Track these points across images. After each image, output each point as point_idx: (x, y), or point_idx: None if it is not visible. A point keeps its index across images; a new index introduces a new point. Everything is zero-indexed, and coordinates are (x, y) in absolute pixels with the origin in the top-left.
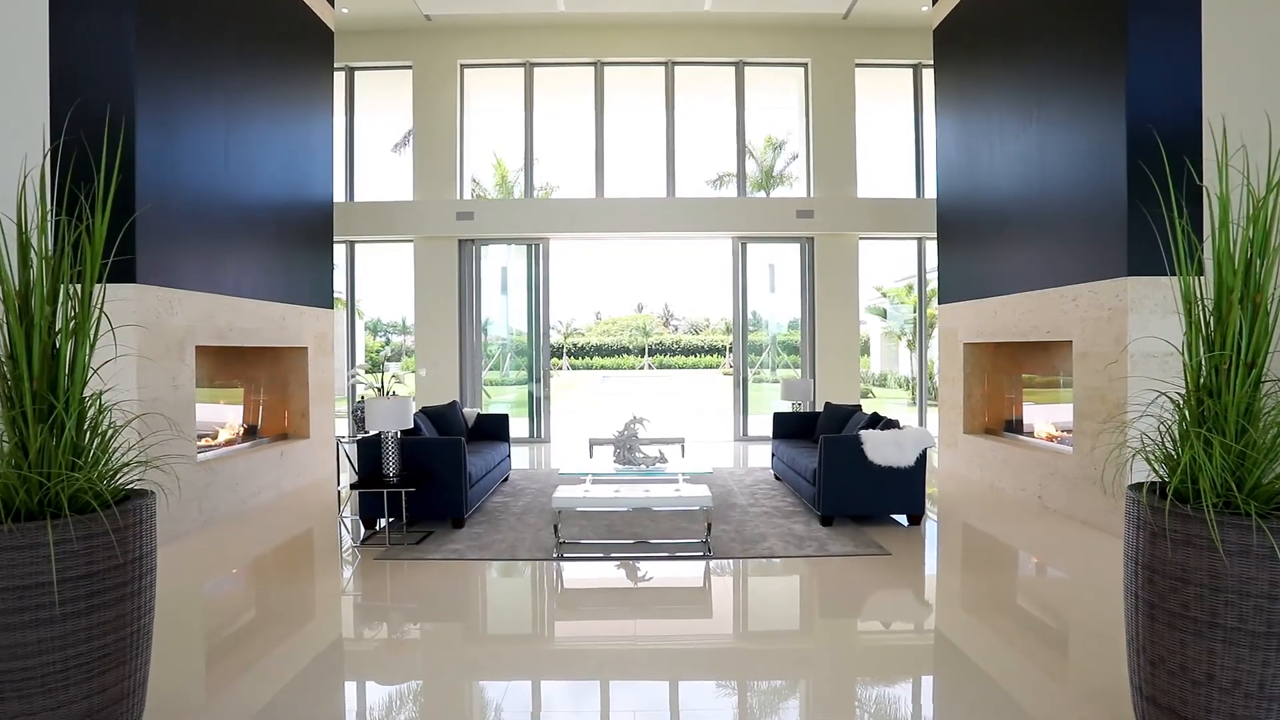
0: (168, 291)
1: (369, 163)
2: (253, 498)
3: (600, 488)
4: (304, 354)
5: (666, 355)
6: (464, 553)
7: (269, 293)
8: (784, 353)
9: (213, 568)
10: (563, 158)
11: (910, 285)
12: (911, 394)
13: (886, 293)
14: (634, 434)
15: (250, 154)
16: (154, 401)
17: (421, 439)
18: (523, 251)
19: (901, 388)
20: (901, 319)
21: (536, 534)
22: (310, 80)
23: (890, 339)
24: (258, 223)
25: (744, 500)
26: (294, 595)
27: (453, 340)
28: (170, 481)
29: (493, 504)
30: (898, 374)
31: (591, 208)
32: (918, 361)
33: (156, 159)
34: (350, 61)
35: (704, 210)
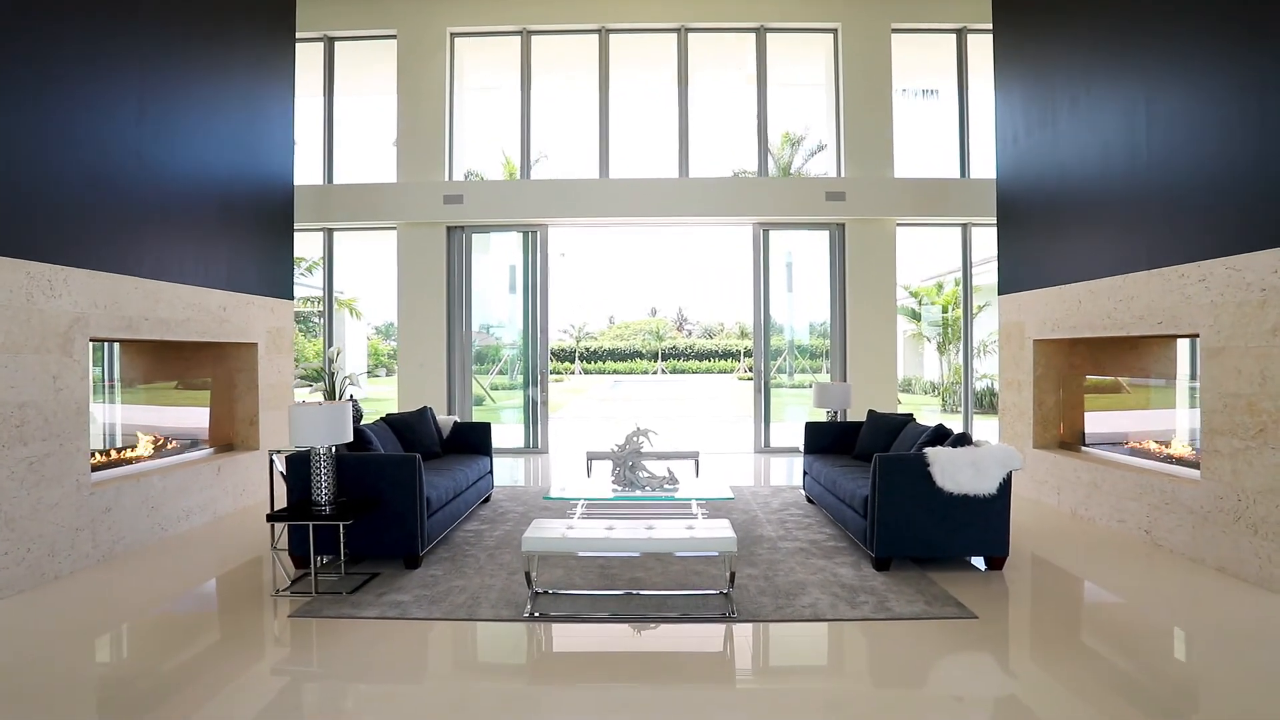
0: (45, 267)
1: (358, 145)
2: (175, 524)
3: (587, 525)
4: (253, 351)
5: (680, 359)
6: (407, 608)
7: (203, 278)
8: (802, 356)
9: (61, 630)
10: (563, 139)
11: (940, 283)
12: (942, 401)
13: (915, 292)
14: (637, 449)
15: (176, 124)
16: (23, 407)
17: (363, 456)
18: (518, 240)
19: (928, 394)
20: (929, 320)
21: (509, 578)
22: (262, 47)
23: (914, 341)
24: (188, 199)
25: (773, 531)
26: (150, 674)
27: (439, 338)
28: (33, 507)
29: (463, 534)
30: (922, 379)
31: (595, 190)
32: (961, 362)
33: (18, 123)
34: (329, 30)
35: (721, 192)
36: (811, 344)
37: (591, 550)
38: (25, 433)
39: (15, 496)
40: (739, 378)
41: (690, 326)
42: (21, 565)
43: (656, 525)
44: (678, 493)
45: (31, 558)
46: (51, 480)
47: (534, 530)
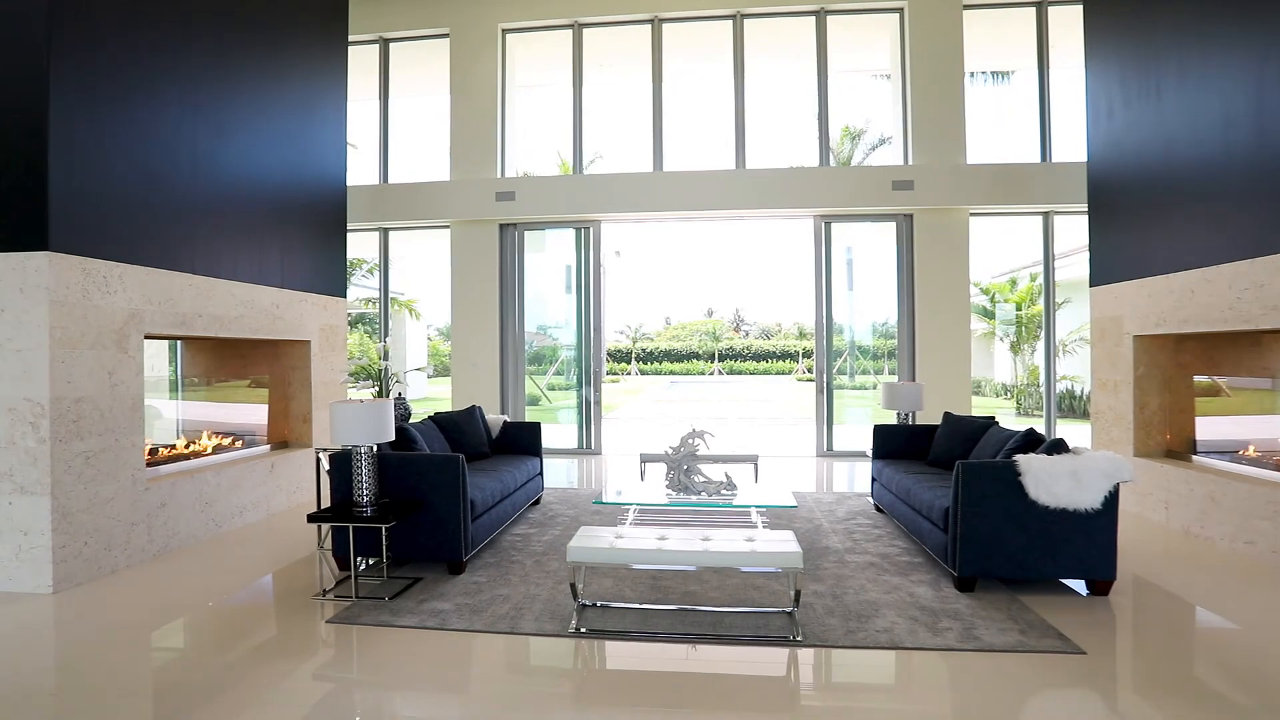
0: (101, 264)
1: (412, 144)
2: (229, 520)
3: (638, 534)
4: (306, 348)
5: (737, 360)
6: (447, 617)
7: (255, 276)
8: (863, 357)
9: (111, 625)
10: (615, 134)
11: (1013, 279)
12: (1016, 403)
13: (986, 289)
14: (693, 452)
15: (230, 126)
16: (80, 402)
17: (405, 456)
18: (571, 237)
19: (1000, 396)
20: (1002, 318)
21: (555, 588)
22: (315, 50)
23: (984, 340)
24: (241, 199)
25: (839, 543)
26: (177, 679)
27: (493, 337)
28: (90, 501)
29: (510, 538)
30: (993, 381)
31: (649, 184)
32: (1042, 362)
33: (81, 125)
34: (384, 32)
35: (780, 183)
36: (874, 344)
37: (642, 563)
38: (82, 427)
39: (72, 490)
40: (797, 379)
41: (747, 327)
42: (79, 559)
43: (713, 536)
44: (736, 499)
45: (89, 551)
46: (107, 475)
47: (580, 539)
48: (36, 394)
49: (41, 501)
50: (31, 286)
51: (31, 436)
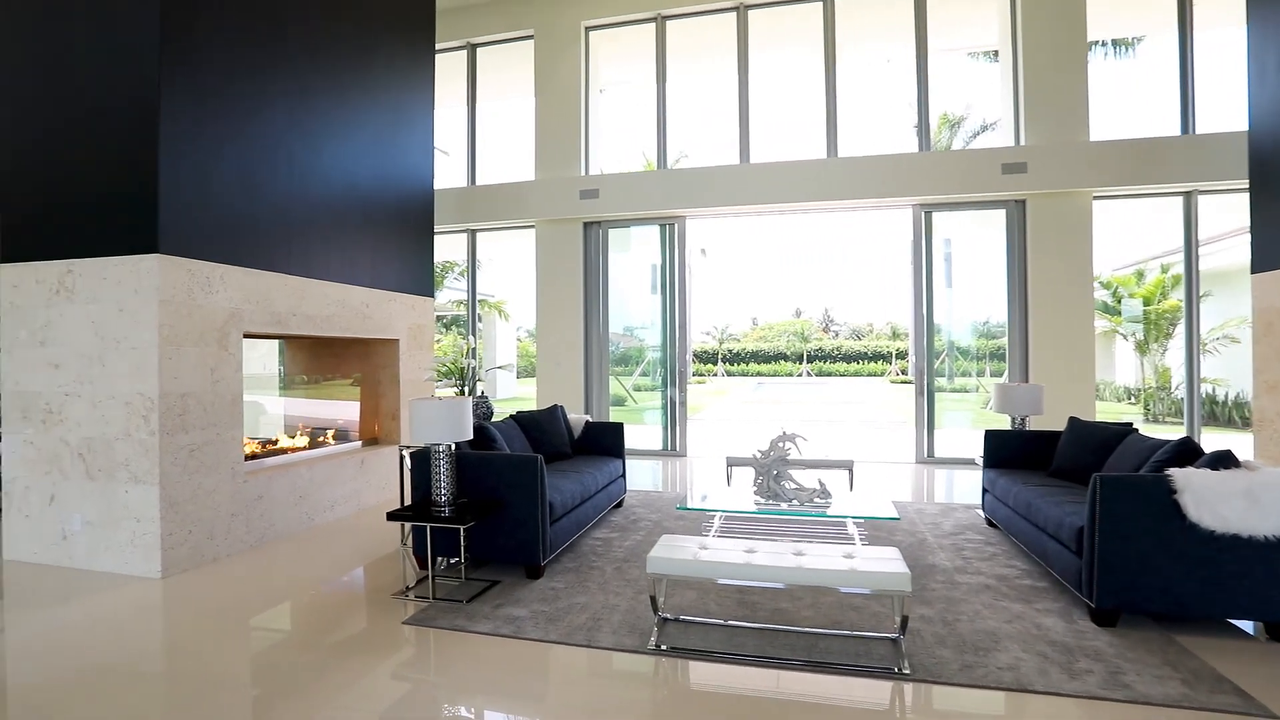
0: (205, 265)
1: (499, 146)
2: (322, 514)
3: (724, 546)
4: (394, 347)
5: (826, 362)
6: (522, 625)
7: (347, 276)
8: (963, 358)
9: (208, 613)
10: (700, 128)
11: (1140, 270)
12: (1144, 408)
13: (1106, 283)
14: (783, 456)
15: (324, 132)
16: (184, 397)
17: (483, 455)
18: (655, 234)
19: (1123, 400)
20: (1127, 314)
21: (635, 598)
22: (404, 59)
23: (1104, 339)
24: (334, 202)
25: (947, 560)
26: (264, 672)
27: (577, 337)
28: (194, 492)
29: (591, 542)
30: (1114, 383)
31: (735, 176)
32: (1184, 362)
33: (187, 141)
34: (470, 38)
35: (876, 171)
36: (974, 344)
37: (727, 578)
38: (186, 421)
39: (178, 481)
40: (891, 380)
41: (837, 327)
42: (184, 546)
43: (807, 550)
44: (830, 509)
45: (193, 540)
46: (209, 467)
47: (662, 549)
48: (147, 389)
49: (152, 491)
50: (144, 288)
51: (143, 429)
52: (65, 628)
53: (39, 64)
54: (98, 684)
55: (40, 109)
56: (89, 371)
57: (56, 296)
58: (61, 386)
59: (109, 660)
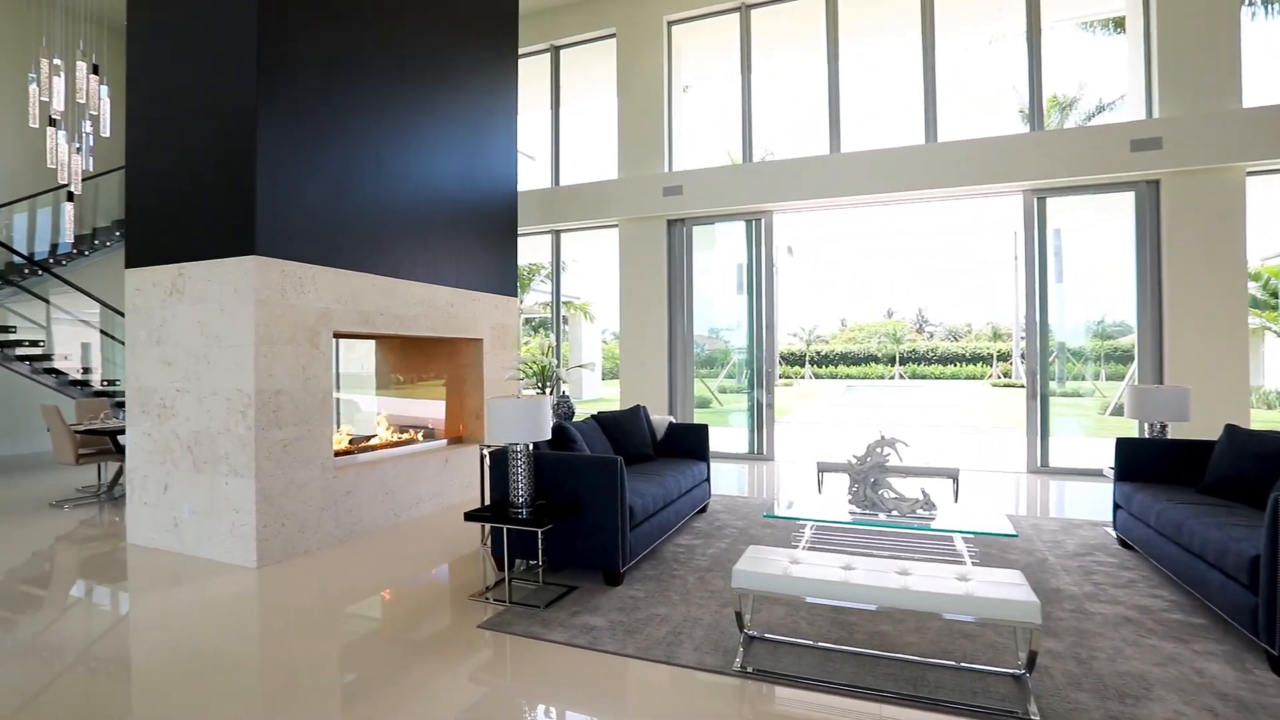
0: (297, 266)
1: (582, 146)
2: (407, 511)
3: (817, 560)
4: (478, 346)
5: (920, 364)
6: (599, 636)
7: (432, 276)
8: (1076, 360)
9: (299, 605)
10: (786, 120)
11: None
12: None
13: (1255, 273)
14: (882, 462)
15: (411, 138)
16: (278, 394)
17: (561, 455)
18: (741, 231)
19: (1275, 407)
20: None
21: (719, 611)
22: (488, 65)
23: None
24: (420, 204)
25: (1074, 585)
26: (346, 666)
27: (661, 336)
28: (286, 485)
29: (673, 548)
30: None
31: (825, 167)
32: None
33: (281, 150)
34: (554, 40)
35: (981, 155)
36: (1088, 345)
37: (822, 597)
38: (280, 417)
39: (272, 475)
40: (992, 384)
41: (931, 328)
42: (278, 538)
43: (913, 569)
44: (935, 522)
45: (286, 532)
46: (301, 462)
47: (749, 561)
48: (245, 385)
49: (249, 484)
50: (242, 288)
51: (241, 424)
52: (173, 611)
53: (162, 95)
54: (198, 667)
55: (161, 132)
56: (195, 368)
57: (169, 298)
58: (173, 382)
59: (209, 644)
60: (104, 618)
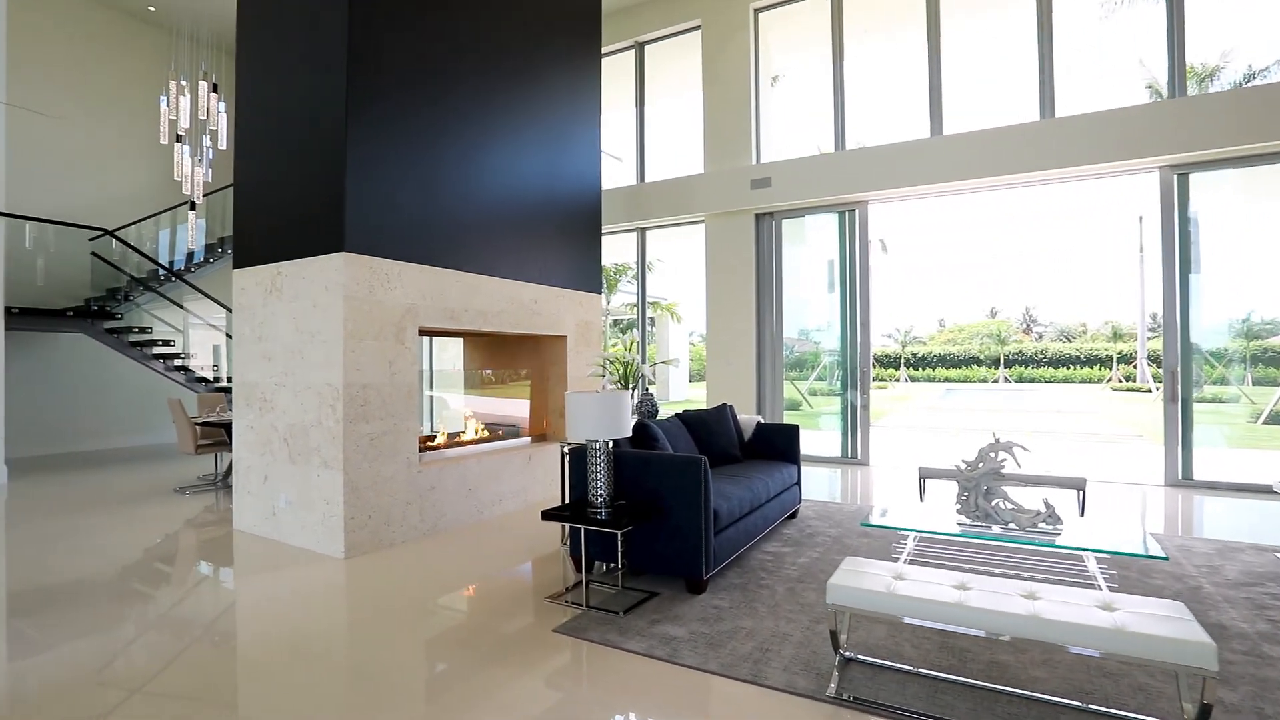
0: (384, 262)
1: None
2: (490, 508)
3: (926, 577)
4: (562, 344)
5: (1028, 367)
6: (679, 648)
7: (516, 272)
8: (1217, 362)
9: (382, 597)
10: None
11: None
12: None
13: None
14: (996, 470)
15: (495, 137)
16: (365, 388)
17: (642, 454)
18: (833, 224)
19: None
20: None
21: (811, 627)
22: (570, 69)
23: None
24: (503, 204)
25: (1242, 621)
26: (425, 660)
27: (749, 334)
28: (373, 479)
29: (760, 556)
30: None
31: (925, 151)
32: None
33: (369, 155)
34: (638, 36)
35: (1108, 127)
36: (1230, 345)
37: (934, 620)
38: (367, 411)
39: (360, 468)
40: (1112, 388)
41: (1040, 328)
42: (364, 530)
43: (1041, 592)
44: (1061, 538)
45: (372, 524)
46: (387, 456)
47: (846, 574)
48: (334, 379)
49: (337, 476)
50: (332, 284)
51: (331, 417)
52: (271, 596)
53: (264, 107)
54: (294, 652)
55: (263, 141)
56: (291, 363)
57: (269, 296)
58: (272, 377)
59: (301, 631)
60: (214, 599)
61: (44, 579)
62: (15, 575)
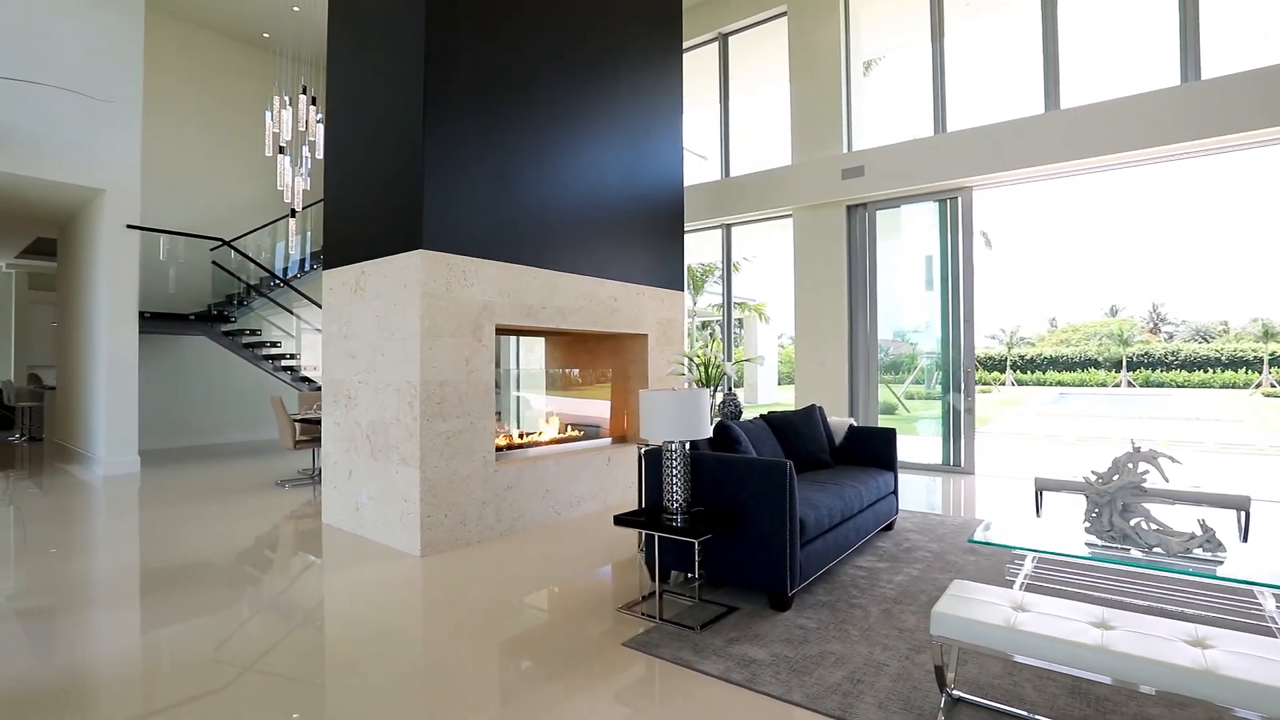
0: (461, 259)
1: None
2: (567, 509)
3: (1052, 608)
4: (643, 342)
5: (1156, 370)
6: (759, 672)
7: (595, 269)
8: None
9: (456, 598)
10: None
11: None
12: None
13: None
14: (1136, 484)
15: (575, 135)
16: (442, 386)
17: (722, 457)
18: (931, 214)
19: None
20: None
21: (911, 656)
22: (650, 66)
23: None
24: (581, 202)
25: None
26: (495, 666)
27: (840, 331)
28: (450, 477)
29: (851, 571)
30: None
31: (1039, 128)
32: None
33: (446, 156)
34: (722, 27)
35: (1269, 88)
36: None
37: (1070, 666)
38: (444, 409)
39: (436, 466)
40: (1263, 393)
41: (1171, 327)
42: (441, 529)
43: (1213, 638)
44: (1225, 567)
45: (448, 523)
46: (463, 454)
47: (954, 600)
48: (412, 377)
49: (415, 473)
50: (411, 282)
51: (409, 414)
52: (354, 591)
53: (350, 114)
54: (375, 647)
55: (349, 146)
56: (373, 361)
57: (354, 295)
58: (356, 374)
59: (380, 627)
60: (300, 592)
61: (169, 560)
62: (147, 555)
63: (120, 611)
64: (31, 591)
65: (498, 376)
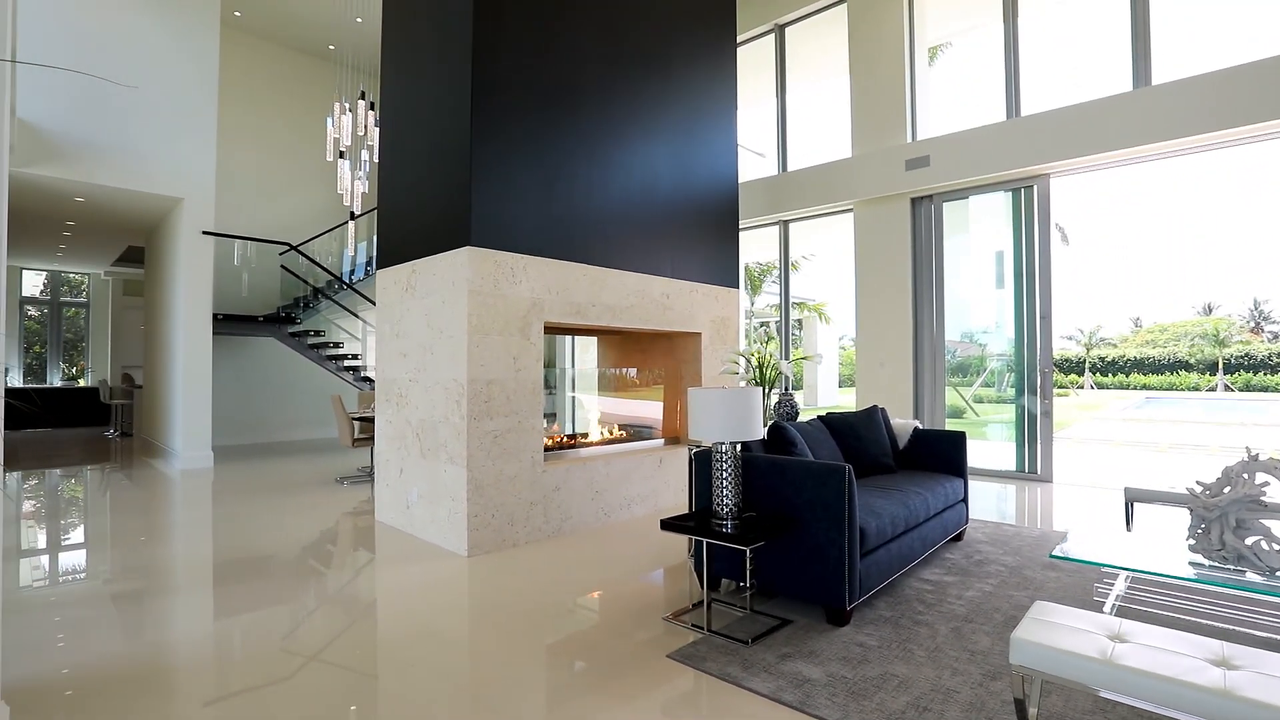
0: (509, 256)
1: (808, 133)
2: (617, 511)
3: (1154, 639)
4: (697, 341)
5: (1258, 373)
6: (812, 693)
7: (646, 266)
8: None
9: (500, 600)
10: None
11: None
12: None
13: None
14: (1255, 497)
15: (624, 135)
16: (489, 384)
17: (776, 460)
18: (1003, 205)
19: None
20: None
21: (984, 682)
22: (703, 63)
23: None
24: (632, 198)
25: None
26: (536, 671)
27: (905, 329)
28: (496, 477)
29: (916, 585)
30: None
31: (1125, 107)
32: None
33: (492, 155)
34: (778, 18)
35: None
36: None
37: (1185, 713)
38: (491, 408)
39: (484, 465)
40: None
41: (1275, 326)
42: (488, 528)
43: None
44: None
45: (495, 523)
46: (511, 454)
47: (1036, 625)
48: (459, 375)
49: (462, 473)
50: (459, 280)
51: (456, 413)
52: (404, 590)
53: (402, 116)
54: (406, 649)
55: (400, 148)
56: (423, 359)
57: (405, 294)
58: (407, 373)
59: (427, 627)
60: (352, 588)
61: (239, 551)
62: (220, 546)
63: (198, 596)
64: (125, 576)
65: (552, 377)
